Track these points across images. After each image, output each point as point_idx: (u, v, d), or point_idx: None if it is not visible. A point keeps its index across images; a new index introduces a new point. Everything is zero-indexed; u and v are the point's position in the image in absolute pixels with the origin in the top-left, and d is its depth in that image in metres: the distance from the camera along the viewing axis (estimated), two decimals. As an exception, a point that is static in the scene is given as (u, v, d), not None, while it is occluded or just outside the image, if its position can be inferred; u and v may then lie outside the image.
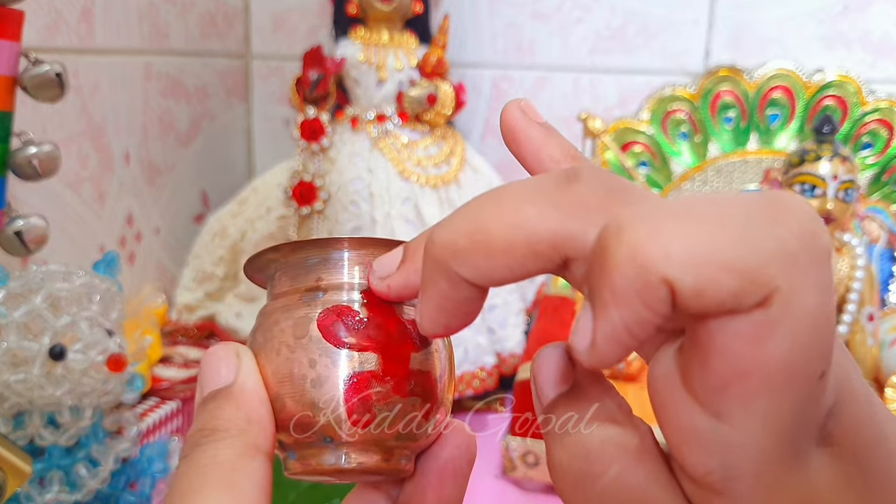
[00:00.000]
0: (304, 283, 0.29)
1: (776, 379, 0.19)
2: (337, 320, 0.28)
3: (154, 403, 0.67)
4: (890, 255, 0.84)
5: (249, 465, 0.25)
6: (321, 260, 0.29)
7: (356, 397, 0.27)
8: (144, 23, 0.83)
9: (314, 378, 0.27)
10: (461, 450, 0.30)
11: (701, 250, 0.18)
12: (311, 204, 0.78)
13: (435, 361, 0.29)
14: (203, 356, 0.28)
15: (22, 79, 0.49)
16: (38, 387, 0.47)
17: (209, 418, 0.26)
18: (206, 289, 0.86)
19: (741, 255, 0.18)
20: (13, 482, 0.43)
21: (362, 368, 0.27)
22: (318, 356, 0.27)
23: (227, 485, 0.24)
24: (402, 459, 0.29)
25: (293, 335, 0.28)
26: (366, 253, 0.29)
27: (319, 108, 0.79)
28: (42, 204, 0.68)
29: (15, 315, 0.47)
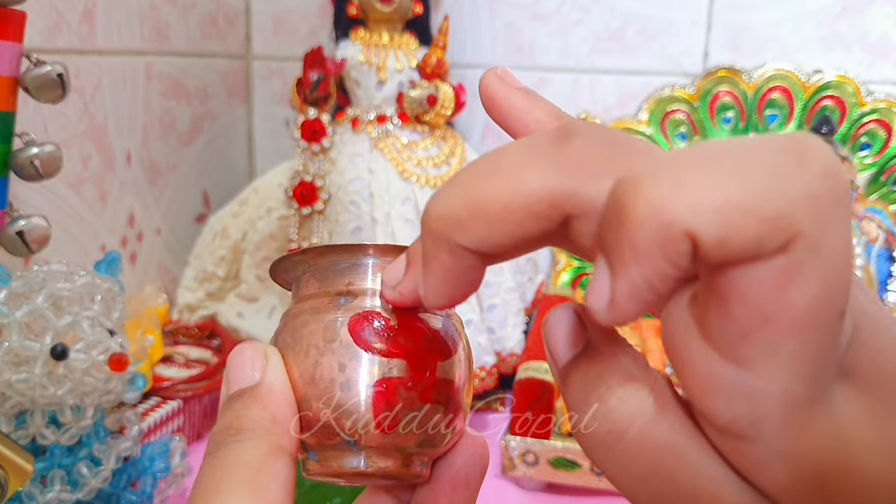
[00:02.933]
0: (334, 287, 0.30)
1: (801, 322, 0.19)
2: (367, 325, 0.28)
3: (155, 403, 0.67)
4: (888, 255, 0.84)
5: (274, 465, 0.25)
6: (351, 265, 0.30)
7: (383, 402, 0.27)
8: (145, 24, 0.83)
9: (343, 382, 0.28)
10: (475, 458, 0.30)
11: (728, 201, 0.18)
12: (312, 204, 0.78)
13: (457, 370, 0.29)
14: (231, 353, 0.28)
15: (24, 79, 0.49)
16: (40, 386, 0.47)
17: (235, 417, 0.26)
18: (208, 289, 0.86)
19: (769, 201, 0.18)
20: (15, 481, 0.43)
21: (391, 374, 0.28)
22: (348, 360, 0.28)
23: (252, 485, 0.25)
24: (419, 465, 0.29)
25: (323, 338, 0.28)
26: (394, 260, 0.29)
27: (320, 108, 0.79)
28: (44, 204, 0.68)
29: (17, 315, 0.47)
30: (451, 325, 0.30)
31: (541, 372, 0.67)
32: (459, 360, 0.30)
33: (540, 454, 0.65)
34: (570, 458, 0.65)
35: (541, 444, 0.65)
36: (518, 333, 0.81)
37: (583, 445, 0.24)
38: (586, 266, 0.93)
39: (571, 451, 0.65)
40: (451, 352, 0.29)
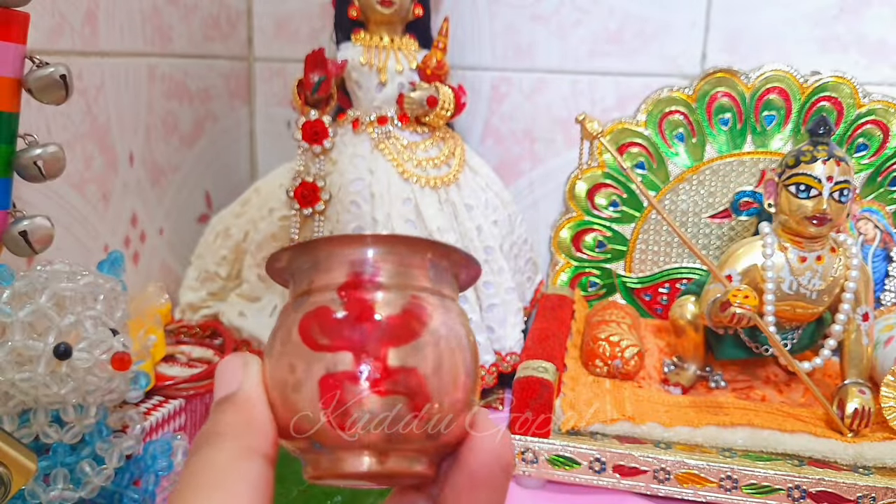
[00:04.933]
0: (299, 288, 0.30)
1: None
2: (314, 322, 0.28)
3: (158, 401, 0.67)
4: (884, 255, 0.85)
5: (244, 466, 0.26)
6: (312, 263, 0.29)
7: (331, 399, 0.26)
8: (148, 25, 0.84)
9: (294, 383, 0.27)
10: (491, 456, 0.29)
11: None
12: (313, 205, 0.78)
13: (425, 357, 0.27)
14: (221, 363, 0.29)
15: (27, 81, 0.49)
16: (43, 385, 0.47)
17: (213, 423, 0.28)
18: (210, 288, 0.87)
19: None
20: (18, 479, 0.43)
21: (336, 369, 0.26)
22: (296, 360, 0.27)
23: (219, 486, 0.25)
24: (406, 462, 0.28)
25: (280, 341, 0.28)
26: (351, 251, 0.28)
27: (321, 110, 0.80)
28: (47, 204, 0.69)
29: (20, 314, 0.47)
30: (422, 307, 0.28)
31: (540, 371, 0.67)
32: (428, 344, 0.27)
33: (539, 453, 0.66)
34: (568, 455, 0.65)
35: (539, 442, 0.65)
36: (517, 333, 0.81)
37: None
38: (585, 266, 0.94)
39: (570, 450, 0.65)
40: (412, 337, 0.27)
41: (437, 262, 0.30)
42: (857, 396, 0.68)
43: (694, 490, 0.64)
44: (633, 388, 0.75)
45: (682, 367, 0.77)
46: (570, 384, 0.73)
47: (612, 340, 0.77)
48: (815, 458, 0.65)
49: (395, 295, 0.28)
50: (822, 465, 0.64)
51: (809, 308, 0.73)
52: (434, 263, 0.30)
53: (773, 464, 0.64)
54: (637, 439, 0.67)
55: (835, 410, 0.68)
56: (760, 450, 0.66)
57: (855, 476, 0.63)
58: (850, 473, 0.63)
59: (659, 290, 0.93)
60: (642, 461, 0.64)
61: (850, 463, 0.65)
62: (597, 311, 0.87)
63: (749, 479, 0.63)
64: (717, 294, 0.72)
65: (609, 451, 0.65)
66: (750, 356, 0.77)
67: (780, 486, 0.63)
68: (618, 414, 0.69)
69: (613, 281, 0.93)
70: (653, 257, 0.92)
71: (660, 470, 0.64)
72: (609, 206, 0.92)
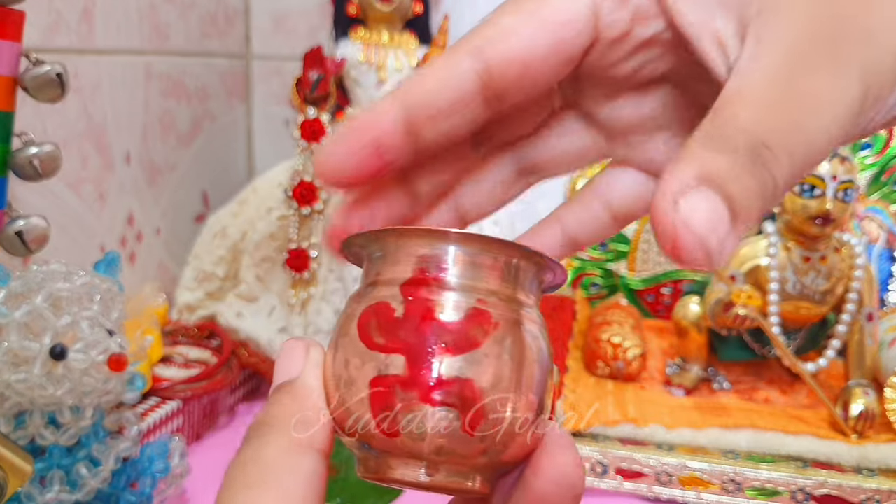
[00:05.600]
0: (368, 278, 0.28)
1: None
2: (373, 318, 0.26)
3: (155, 403, 0.67)
4: (889, 255, 0.84)
5: (296, 461, 0.25)
6: (382, 253, 0.27)
7: (380, 402, 0.25)
8: (145, 23, 0.83)
9: (346, 378, 0.26)
10: (561, 485, 0.26)
11: None
12: (312, 204, 0.78)
13: (487, 368, 0.25)
14: (282, 348, 0.28)
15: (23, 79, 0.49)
16: (39, 386, 0.47)
17: (266, 413, 0.26)
18: (207, 289, 0.86)
19: None
20: (14, 482, 0.43)
21: (387, 371, 0.25)
22: (351, 355, 0.26)
23: (269, 482, 0.24)
24: (457, 478, 0.26)
25: (340, 332, 0.27)
26: (420, 245, 0.26)
27: (320, 108, 0.79)
28: (43, 204, 0.68)
29: (16, 315, 0.47)
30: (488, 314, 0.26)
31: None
32: (489, 356, 0.25)
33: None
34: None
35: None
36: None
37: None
38: (587, 266, 0.93)
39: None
40: (473, 345, 0.25)
41: (513, 265, 0.27)
42: (861, 398, 0.67)
43: (697, 493, 0.63)
44: (636, 390, 0.75)
45: (685, 368, 0.77)
46: (572, 385, 0.72)
47: (615, 342, 0.77)
48: (819, 461, 0.65)
49: (461, 297, 0.26)
50: (826, 467, 0.64)
51: (813, 308, 0.73)
52: (510, 266, 0.27)
53: (776, 466, 0.63)
54: (639, 441, 0.67)
55: (839, 412, 0.68)
56: (764, 452, 0.66)
57: (859, 478, 0.62)
58: (854, 475, 0.63)
59: (662, 290, 0.92)
60: (645, 463, 0.64)
61: (855, 465, 0.64)
62: (599, 311, 0.87)
63: (752, 482, 0.62)
64: (720, 295, 0.72)
65: (611, 454, 0.64)
66: (753, 357, 0.77)
67: (784, 488, 0.62)
68: (620, 416, 0.68)
69: (615, 281, 0.93)
70: (655, 258, 0.92)
71: (662, 472, 0.64)
72: (610, 206, 0.91)
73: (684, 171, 0.22)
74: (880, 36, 0.23)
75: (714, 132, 0.23)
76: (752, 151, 0.22)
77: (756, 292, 0.71)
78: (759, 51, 0.23)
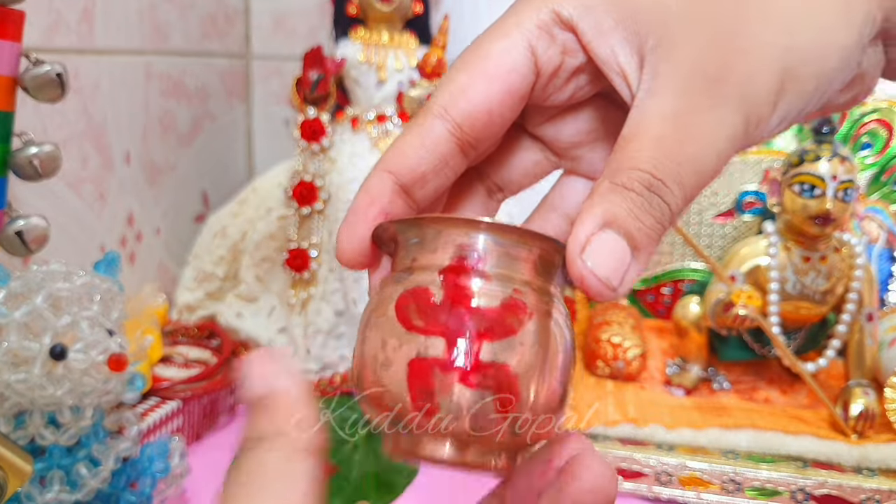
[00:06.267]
0: (402, 263, 0.29)
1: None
2: (412, 302, 0.27)
3: (155, 403, 0.67)
4: (889, 255, 0.84)
5: (293, 468, 0.26)
6: (419, 239, 0.29)
7: (418, 383, 0.26)
8: (145, 23, 0.83)
9: (384, 359, 0.27)
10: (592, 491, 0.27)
11: None
12: (312, 204, 0.78)
13: (520, 354, 0.26)
14: (244, 363, 0.28)
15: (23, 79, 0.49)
16: (39, 386, 0.47)
17: (255, 426, 0.27)
18: (207, 289, 0.86)
19: None
20: (14, 482, 0.43)
21: (426, 353, 0.26)
22: (389, 336, 0.27)
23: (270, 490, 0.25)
24: (485, 456, 0.28)
25: (376, 313, 0.28)
26: (460, 233, 0.28)
27: (320, 108, 0.79)
28: (43, 204, 0.68)
29: (16, 315, 0.47)
30: (523, 303, 0.27)
31: (541, 372, 0.66)
32: (524, 343, 0.27)
33: (540, 455, 0.65)
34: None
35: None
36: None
37: None
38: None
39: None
40: (508, 333, 0.27)
41: (547, 258, 0.28)
42: (861, 398, 0.67)
43: (697, 493, 0.63)
44: (636, 390, 0.75)
45: (685, 368, 0.77)
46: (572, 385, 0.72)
47: (615, 342, 0.77)
48: (819, 461, 0.65)
49: (499, 286, 0.27)
50: (826, 467, 0.64)
51: (813, 308, 0.73)
52: (544, 259, 0.28)
53: (776, 466, 0.63)
54: (639, 441, 0.67)
55: (839, 412, 0.68)
56: (764, 452, 0.66)
57: (859, 478, 0.62)
58: (854, 475, 0.63)
59: (662, 290, 0.92)
60: (645, 463, 0.64)
61: (855, 465, 0.64)
62: (599, 311, 0.87)
63: (752, 482, 0.62)
64: (720, 295, 0.72)
65: (611, 454, 0.64)
66: (753, 357, 0.77)
67: (784, 488, 0.62)
68: (620, 416, 0.68)
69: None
70: (655, 257, 0.92)
71: (662, 472, 0.64)
72: (610, 206, 0.91)
73: (590, 218, 0.26)
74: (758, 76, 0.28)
75: (616, 171, 0.27)
76: (647, 188, 0.27)
77: (756, 292, 0.71)
78: (655, 85, 0.28)
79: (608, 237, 0.26)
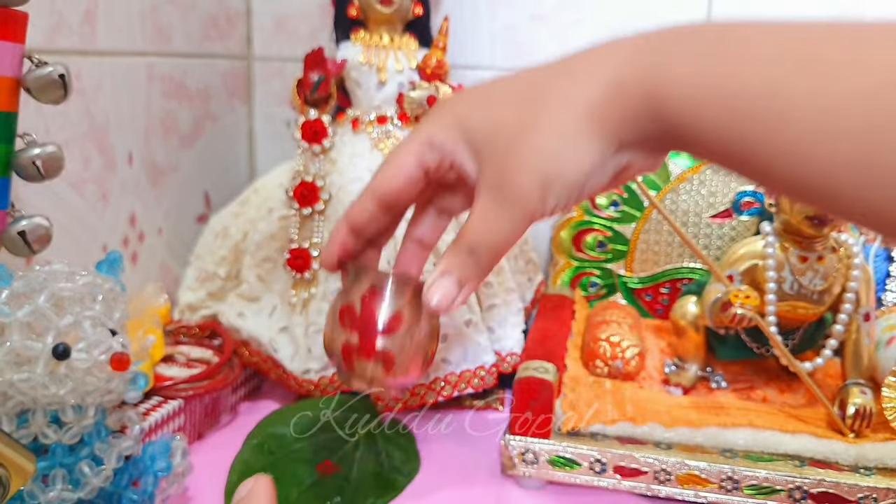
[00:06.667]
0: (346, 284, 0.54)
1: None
2: (346, 312, 0.52)
3: (157, 402, 0.67)
4: (886, 255, 0.84)
5: None
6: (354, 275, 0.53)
7: (347, 355, 0.51)
8: (147, 25, 0.83)
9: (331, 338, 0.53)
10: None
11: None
12: (313, 204, 0.78)
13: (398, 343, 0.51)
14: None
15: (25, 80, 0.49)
16: (42, 386, 0.47)
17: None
18: (209, 288, 0.87)
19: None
20: (17, 480, 0.43)
21: (350, 341, 0.51)
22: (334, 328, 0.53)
23: None
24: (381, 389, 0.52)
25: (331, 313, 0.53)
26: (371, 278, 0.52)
27: (321, 109, 0.80)
28: (45, 204, 0.68)
29: (18, 314, 0.47)
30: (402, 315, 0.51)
31: (540, 371, 0.67)
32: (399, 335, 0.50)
33: (539, 453, 0.65)
34: (569, 456, 0.65)
35: (540, 443, 0.65)
36: (518, 333, 0.81)
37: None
38: (585, 266, 0.94)
39: (570, 451, 0.65)
40: (392, 332, 0.50)
41: (416, 290, 0.51)
42: (858, 397, 0.68)
43: (695, 491, 0.64)
44: (634, 389, 0.75)
45: (682, 367, 0.77)
46: (571, 385, 0.73)
47: (613, 341, 0.77)
48: (817, 459, 0.65)
49: (388, 306, 0.51)
50: (823, 465, 0.64)
51: (811, 308, 0.73)
52: (415, 291, 0.51)
53: (774, 465, 0.64)
54: (638, 440, 0.67)
55: (836, 411, 0.68)
56: (761, 450, 0.66)
57: (856, 477, 0.62)
58: (851, 474, 0.63)
59: (660, 290, 0.92)
60: (643, 462, 0.64)
61: (852, 464, 0.65)
62: (597, 311, 0.87)
63: (750, 480, 0.63)
64: (718, 294, 0.72)
65: (610, 452, 0.65)
66: (751, 357, 0.77)
67: (782, 486, 0.62)
68: (618, 415, 0.69)
69: (614, 281, 0.93)
70: (653, 257, 0.92)
71: (660, 471, 0.64)
72: (610, 206, 0.91)
73: (436, 269, 0.49)
74: (525, 186, 0.44)
75: (455, 241, 0.49)
76: (468, 253, 0.48)
77: (753, 292, 0.71)
78: (477, 191, 0.47)
79: (443, 280, 0.49)
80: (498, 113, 0.47)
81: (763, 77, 0.37)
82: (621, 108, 0.43)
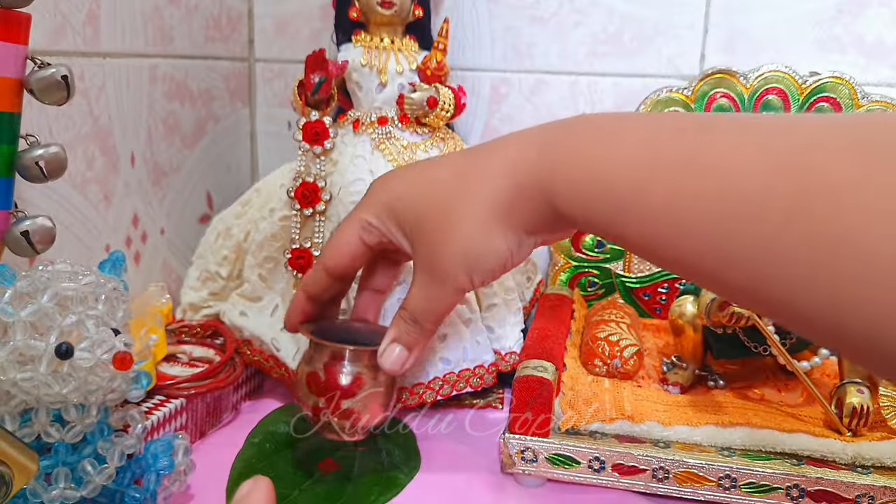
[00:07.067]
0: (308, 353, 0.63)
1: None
2: (311, 378, 0.61)
3: (159, 401, 0.68)
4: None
5: None
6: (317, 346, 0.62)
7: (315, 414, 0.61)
8: (149, 26, 0.84)
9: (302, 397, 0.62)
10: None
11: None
12: (314, 205, 0.78)
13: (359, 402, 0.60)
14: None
15: (28, 81, 0.50)
16: (45, 385, 0.48)
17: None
18: (211, 288, 0.87)
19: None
20: (20, 479, 0.43)
21: (319, 404, 0.60)
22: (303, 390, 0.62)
23: None
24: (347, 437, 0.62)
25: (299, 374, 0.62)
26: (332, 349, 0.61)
27: (322, 110, 0.80)
28: (48, 205, 0.69)
29: (22, 314, 0.47)
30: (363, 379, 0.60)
31: (539, 370, 0.67)
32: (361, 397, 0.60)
33: (538, 452, 0.66)
34: (568, 455, 0.66)
35: (539, 442, 0.66)
36: (517, 332, 0.82)
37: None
38: (584, 265, 0.94)
39: (569, 449, 0.65)
40: (352, 395, 0.59)
41: (371, 356, 0.61)
42: (855, 395, 0.68)
43: (693, 489, 0.64)
44: (633, 388, 0.75)
45: (680, 366, 0.77)
46: (570, 383, 0.73)
47: (612, 340, 0.77)
48: (814, 458, 0.65)
49: (349, 372, 0.60)
50: (820, 464, 0.65)
51: (808, 308, 0.73)
52: (371, 357, 0.60)
53: (771, 463, 0.64)
54: (636, 438, 0.68)
55: (833, 409, 0.68)
56: (759, 449, 0.66)
57: (853, 475, 0.63)
58: (848, 472, 0.63)
59: (658, 289, 0.93)
60: (641, 460, 0.65)
61: (849, 462, 0.65)
62: (596, 310, 0.87)
63: (748, 479, 0.63)
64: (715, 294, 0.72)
65: (608, 451, 0.65)
66: (748, 355, 0.78)
67: (779, 485, 0.63)
68: (617, 413, 0.69)
69: (612, 281, 0.94)
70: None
71: (659, 469, 0.64)
72: (609, 207, 0.92)
73: (387, 338, 0.60)
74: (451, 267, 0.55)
75: (400, 313, 0.60)
76: (412, 322, 0.59)
77: (751, 292, 0.71)
78: (414, 267, 0.58)
79: (393, 347, 0.60)
80: (425, 205, 0.56)
81: (629, 180, 0.44)
82: (522, 206, 0.52)
